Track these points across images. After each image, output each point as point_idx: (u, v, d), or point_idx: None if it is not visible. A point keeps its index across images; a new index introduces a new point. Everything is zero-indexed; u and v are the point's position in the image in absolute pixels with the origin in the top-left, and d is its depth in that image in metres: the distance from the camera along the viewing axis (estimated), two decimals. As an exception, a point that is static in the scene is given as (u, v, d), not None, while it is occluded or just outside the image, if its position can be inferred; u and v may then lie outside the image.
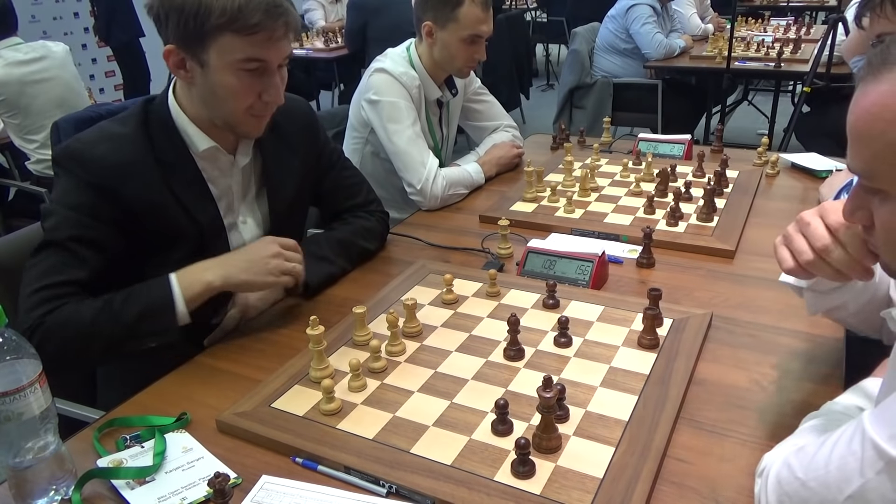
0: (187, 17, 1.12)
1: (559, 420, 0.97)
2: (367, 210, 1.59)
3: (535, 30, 7.64)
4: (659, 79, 4.32)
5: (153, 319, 1.15)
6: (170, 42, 1.16)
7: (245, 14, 1.11)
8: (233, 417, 1.02)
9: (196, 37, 1.14)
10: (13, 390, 0.83)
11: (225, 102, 1.21)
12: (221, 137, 1.29)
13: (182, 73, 1.20)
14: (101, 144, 1.20)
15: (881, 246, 0.78)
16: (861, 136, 0.72)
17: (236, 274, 1.21)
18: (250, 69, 1.17)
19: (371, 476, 0.90)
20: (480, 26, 1.90)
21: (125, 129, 1.24)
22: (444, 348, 1.18)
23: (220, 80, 1.17)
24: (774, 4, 6.79)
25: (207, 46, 1.14)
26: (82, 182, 1.18)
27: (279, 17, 1.15)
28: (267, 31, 1.14)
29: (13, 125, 3.06)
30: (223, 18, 1.11)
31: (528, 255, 1.44)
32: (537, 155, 2.21)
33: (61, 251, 1.16)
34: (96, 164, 1.18)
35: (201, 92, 1.21)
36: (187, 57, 1.17)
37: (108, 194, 1.18)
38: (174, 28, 1.14)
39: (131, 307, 1.14)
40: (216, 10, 1.11)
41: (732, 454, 0.93)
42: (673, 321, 1.21)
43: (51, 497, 0.89)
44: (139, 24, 5.46)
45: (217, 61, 1.16)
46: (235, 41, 1.14)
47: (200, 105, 1.24)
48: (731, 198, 1.76)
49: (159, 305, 1.16)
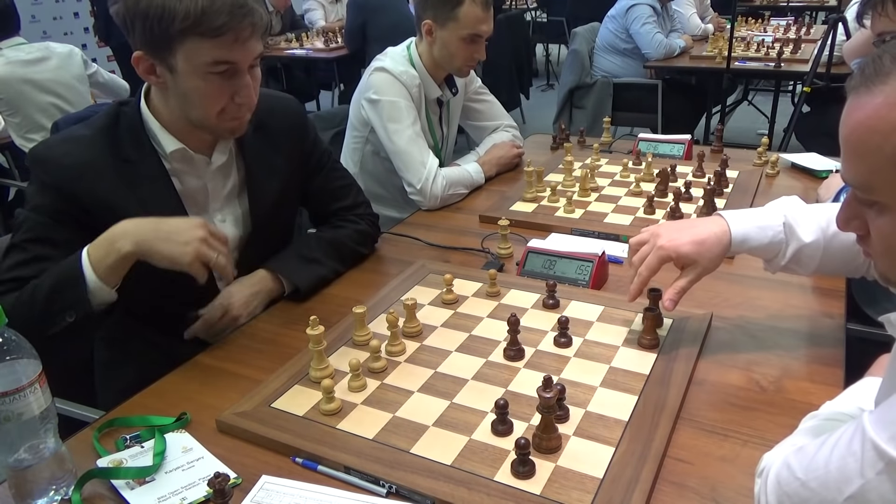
0: (152, 23, 1.11)
1: (559, 420, 0.97)
2: (356, 213, 1.58)
3: (535, 30, 7.64)
4: (659, 79, 4.32)
5: (64, 293, 1.12)
6: (137, 48, 1.16)
7: (209, 16, 1.10)
8: (233, 417, 1.02)
9: (162, 42, 1.13)
10: (13, 390, 0.83)
11: (197, 106, 1.20)
12: (197, 138, 1.28)
13: (153, 79, 1.19)
14: (60, 146, 1.22)
15: (877, 257, 0.78)
16: (856, 149, 0.71)
17: (152, 241, 1.12)
18: (219, 72, 1.16)
19: (371, 476, 0.90)
20: (480, 25, 1.90)
21: (88, 131, 1.25)
22: (444, 348, 1.18)
23: (191, 85, 1.17)
24: (774, 4, 6.79)
25: (174, 51, 1.14)
26: (44, 184, 1.20)
27: (244, 18, 1.13)
28: (233, 32, 1.13)
29: (13, 124, 3.06)
30: (187, 22, 1.10)
31: (528, 255, 1.44)
32: (537, 155, 2.21)
33: (18, 252, 1.19)
34: (54, 164, 1.20)
35: (173, 96, 1.21)
36: (156, 62, 1.16)
37: (67, 195, 1.19)
38: (140, 34, 1.13)
39: (45, 283, 1.13)
40: (180, 13, 1.10)
41: (732, 454, 0.93)
42: (673, 321, 1.21)
43: (51, 497, 0.89)
44: None
45: (185, 66, 1.15)
46: (202, 44, 1.13)
47: (176, 108, 1.23)
48: (731, 198, 1.76)
49: (69, 278, 1.12)
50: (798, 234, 1.09)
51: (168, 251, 1.12)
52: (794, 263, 1.11)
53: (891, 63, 0.68)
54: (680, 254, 1.11)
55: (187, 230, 1.14)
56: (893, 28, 1.42)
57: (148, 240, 1.12)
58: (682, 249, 1.11)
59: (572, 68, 4.36)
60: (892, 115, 0.67)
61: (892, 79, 0.67)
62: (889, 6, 1.39)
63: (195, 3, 1.10)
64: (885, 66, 0.68)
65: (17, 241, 1.19)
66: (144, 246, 1.12)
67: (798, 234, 1.09)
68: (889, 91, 0.67)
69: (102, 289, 1.13)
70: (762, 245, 1.10)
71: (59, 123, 2.55)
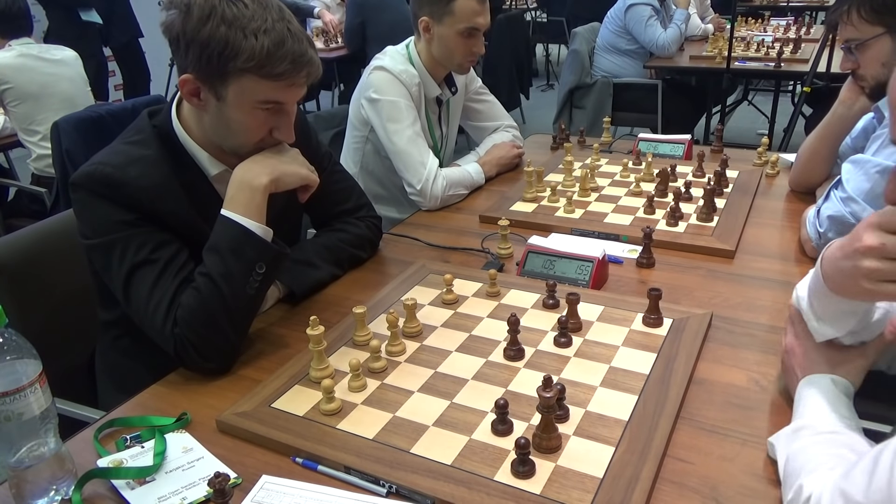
0: (211, 54, 1.10)
1: (559, 420, 0.97)
2: (357, 216, 1.57)
3: (535, 30, 7.64)
4: (659, 79, 4.32)
5: (243, 254, 1.16)
6: (187, 72, 1.14)
7: (272, 61, 1.11)
8: (233, 417, 1.02)
9: (217, 73, 1.12)
10: (13, 390, 0.83)
11: (236, 136, 1.21)
12: (227, 160, 1.28)
13: (195, 101, 1.18)
14: (130, 167, 1.18)
15: None
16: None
17: (281, 168, 1.23)
18: (266, 108, 1.17)
19: (371, 476, 0.90)
20: (477, 18, 1.89)
21: (147, 151, 1.22)
22: (444, 348, 1.18)
23: (235, 116, 1.17)
24: (774, 4, 6.79)
25: (227, 83, 1.13)
26: (120, 204, 1.17)
27: (303, 68, 1.15)
28: (291, 79, 1.14)
29: (18, 115, 3.07)
30: (250, 63, 1.10)
31: (528, 255, 1.44)
32: (537, 155, 2.21)
33: (150, 267, 1.17)
34: (132, 186, 1.17)
35: (212, 121, 1.20)
36: (203, 88, 1.16)
37: (148, 215, 1.18)
38: (195, 60, 1.12)
39: (216, 263, 1.15)
40: (244, 53, 1.09)
41: (732, 454, 0.93)
42: (673, 321, 1.21)
43: (51, 497, 0.89)
44: (137, 25, 5.46)
45: (235, 98, 1.15)
46: (258, 84, 1.13)
47: (211, 132, 1.23)
48: (731, 198, 1.76)
49: (235, 239, 1.17)
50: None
51: (295, 171, 1.25)
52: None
53: None
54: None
55: (296, 154, 1.28)
56: (858, 36, 1.44)
57: (277, 168, 1.22)
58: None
59: (572, 68, 4.36)
60: None
61: None
62: (854, 15, 1.41)
63: (261, 46, 1.09)
64: None
65: (138, 261, 1.16)
66: (276, 174, 1.22)
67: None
68: None
69: (265, 229, 1.20)
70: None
71: (59, 123, 2.56)
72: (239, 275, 1.16)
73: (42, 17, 4.83)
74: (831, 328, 0.92)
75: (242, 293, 1.16)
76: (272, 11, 1.12)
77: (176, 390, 1.13)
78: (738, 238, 1.54)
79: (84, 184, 1.17)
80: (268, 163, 1.22)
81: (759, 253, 1.50)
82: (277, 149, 1.26)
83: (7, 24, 3.04)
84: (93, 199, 1.17)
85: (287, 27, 1.13)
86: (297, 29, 1.15)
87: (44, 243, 1.44)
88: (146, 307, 1.16)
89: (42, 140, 3.03)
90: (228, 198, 1.20)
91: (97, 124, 2.60)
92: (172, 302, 1.15)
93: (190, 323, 1.13)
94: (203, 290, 1.15)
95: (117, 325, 1.34)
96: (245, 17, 1.10)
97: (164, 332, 1.14)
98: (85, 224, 1.20)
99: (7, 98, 3.03)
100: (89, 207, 1.19)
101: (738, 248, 1.51)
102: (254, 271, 1.17)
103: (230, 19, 1.09)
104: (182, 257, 1.21)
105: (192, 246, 1.23)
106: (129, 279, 1.17)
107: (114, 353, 1.40)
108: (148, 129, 1.25)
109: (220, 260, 1.16)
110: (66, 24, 4.75)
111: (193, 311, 1.14)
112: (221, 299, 1.14)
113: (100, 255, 1.19)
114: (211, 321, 1.14)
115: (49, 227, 1.49)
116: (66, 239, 1.42)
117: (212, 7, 1.09)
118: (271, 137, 1.23)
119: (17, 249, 1.40)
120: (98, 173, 1.17)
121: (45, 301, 1.43)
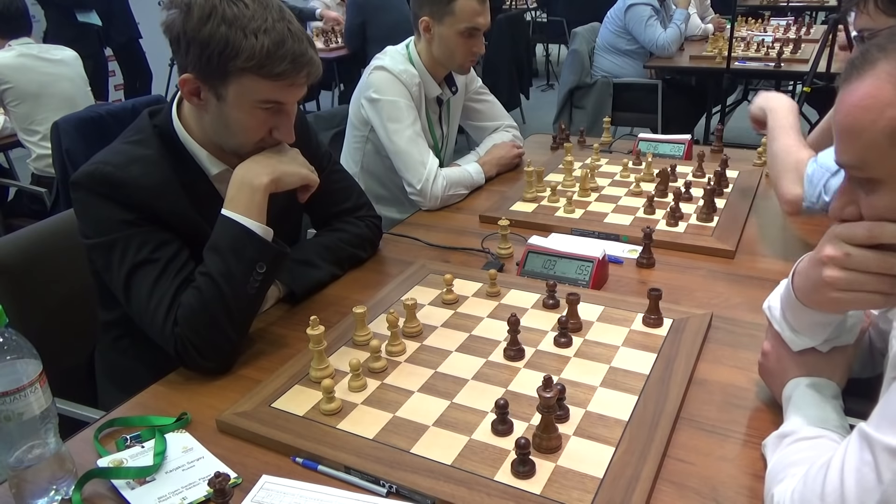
0: (211, 53, 1.10)
1: (559, 420, 0.97)
2: (357, 216, 1.57)
3: (535, 30, 7.63)
4: (659, 79, 4.32)
5: (243, 254, 1.16)
6: (188, 71, 1.14)
7: (272, 61, 1.11)
8: (233, 417, 1.02)
9: (217, 72, 1.12)
10: (13, 390, 0.83)
11: (236, 135, 1.21)
12: (228, 159, 1.28)
13: (195, 101, 1.19)
14: (132, 167, 1.18)
15: None
16: (851, 129, 0.75)
17: (281, 168, 1.23)
18: (266, 108, 1.18)
19: (371, 476, 0.90)
20: (477, 18, 1.89)
21: (148, 150, 1.22)
22: (445, 348, 1.18)
23: (235, 115, 1.17)
24: (774, 4, 6.79)
25: (228, 83, 1.14)
26: (121, 204, 1.17)
27: (304, 67, 1.15)
28: (291, 78, 1.14)
29: (18, 115, 3.07)
30: (250, 62, 1.10)
31: (528, 255, 1.44)
32: (537, 155, 2.21)
33: (150, 266, 1.17)
34: (133, 186, 1.17)
35: (212, 120, 1.21)
36: (204, 88, 1.16)
37: (148, 214, 1.18)
38: (195, 60, 1.12)
39: (217, 262, 1.15)
40: (244, 52, 1.10)
41: (732, 454, 0.93)
42: (673, 321, 1.21)
43: (51, 497, 0.89)
44: (136, 26, 5.46)
45: (235, 97, 1.15)
46: (258, 84, 1.13)
47: (210, 130, 1.23)
48: (731, 198, 1.76)
49: (237, 239, 1.17)
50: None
51: (295, 171, 1.25)
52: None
53: (877, 52, 0.73)
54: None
55: (296, 154, 1.28)
56: (873, 26, 1.45)
57: (277, 168, 1.22)
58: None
59: (572, 68, 4.36)
60: (882, 92, 0.71)
61: (880, 63, 0.72)
62: (871, 5, 1.42)
63: (261, 45, 1.10)
64: (872, 56, 0.74)
65: (138, 260, 1.16)
66: (276, 174, 1.22)
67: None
68: (878, 72, 0.72)
69: (265, 229, 1.20)
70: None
71: (59, 123, 2.57)
72: (239, 274, 1.16)
73: (41, 18, 4.84)
74: (807, 338, 0.92)
75: (243, 293, 1.16)
76: (272, 11, 1.12)
77: (176, 390, 1.13)
78: (738, 238, 1.54)
79: (85, 183, 1.18)
80: (268, 163, 1.22)
81: (759, 253, 1.50)
82: (278, 149, 1.26)
83: (6, 23, 3.04)
84: (93, 198, 1.18)
85: (287, 27, 1.13)
86: (298, 29, 1.15)
87: (44, 243, 1.44)
88: (147, 307, 1.16)
89: (42, 140, 3.02)
90: (229, 198, 1.20)
91: (97, 124, 2.60)
92: (173, 301, 1.15)
93: (190, 322, 1.13)
94: (204, 290, 1.15)
95: (117, 325, 1.34)
96: (245, 16, 1.10)
97: (165, 332, 1.14)
98: (85, 224, 1.21)
99: (7, 98, 3.03)
100: (90, 207, 1.19)
101: (738, 248, 1.51)
102: (254, 271, 1.17)
103: (230, 19, 1.09)
104: (182, 257, 1.21)
105: (192, 245, 1.23)
106: (129, 279, 1.17)
107: (114, 353, 1.40)
108: (148, 128, 1.25)
109: (221, 259, 1.16)
110: (63, 25, 4.75)
111: (194, 310, 1.14)
112: (222, 299, 1.14)
113: (100, 255, 1.19)
114: (211, 321, 1.14)
115: (49, 227, 1.49)
116: (66, 239, 1.42)
117: (212, 7, 1.09)
118: (271, 137, 1.23)
119: (17, 249, 1.40)
120: (99, 173, 1.17)
121: (45, 301, 1.43)
